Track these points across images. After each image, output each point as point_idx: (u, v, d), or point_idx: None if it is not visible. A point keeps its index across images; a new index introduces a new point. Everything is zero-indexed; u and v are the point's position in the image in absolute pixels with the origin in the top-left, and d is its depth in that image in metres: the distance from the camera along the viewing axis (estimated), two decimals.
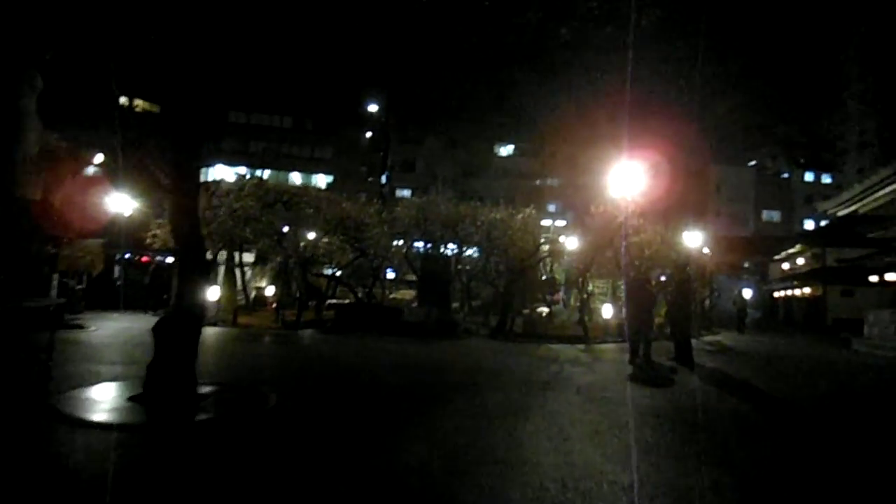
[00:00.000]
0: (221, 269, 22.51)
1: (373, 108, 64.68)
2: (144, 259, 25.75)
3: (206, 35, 6.97)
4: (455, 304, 21.93)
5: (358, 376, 9.59)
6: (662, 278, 21.49)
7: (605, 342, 17.51)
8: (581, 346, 16.22)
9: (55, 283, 16.63)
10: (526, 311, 18.91)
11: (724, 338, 21.80)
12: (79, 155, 16.64)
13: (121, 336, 13.05)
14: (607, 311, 19.27)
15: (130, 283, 23.78)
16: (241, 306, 21.87)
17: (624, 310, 19.20)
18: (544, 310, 18.46)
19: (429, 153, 62.26)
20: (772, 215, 67.95)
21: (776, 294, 47.77)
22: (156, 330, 6.44)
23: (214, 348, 12.28)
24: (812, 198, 64.12)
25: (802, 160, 68.32)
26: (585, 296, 23.23)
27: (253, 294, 24.98)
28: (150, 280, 22.51)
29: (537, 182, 58.98)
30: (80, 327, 13.86)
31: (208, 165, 59.45)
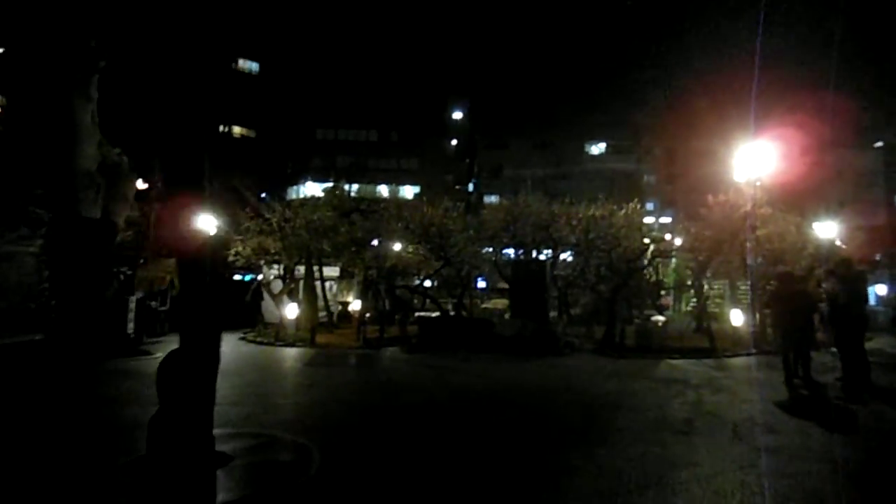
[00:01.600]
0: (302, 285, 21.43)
1: (457, 115, 63.78)
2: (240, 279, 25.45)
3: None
4: (552, 314, 19.60)
5: (438, 416, 7.60)
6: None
7: (737, 355, 14.62)
8: (710, 362, 13.49)
9: (132, 305, 15.98)
10: (637, 320, 16.30)
11: (882, 344, 18.09)
12: (149, 171, 15.87)
13: None
14: (736, 317, 16.25)
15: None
16: (323, 323, 20.69)
17: (757, 315, 16.23)
18: (660, 318, 15.83)
19: (516, 157, 60.21)
20: None
21: None
22: (160, 373, 4.81)
23: (279, 375, 10.80)
24: None
25: None
26: (706, 300, 20.31)
27: (337, 309, 23.79)
28: (251, 298, 21.70)
29: (633, 178, 55.33)
30: (147, 353, 12.87)
31: (297, 183, 60.46)
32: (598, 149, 62.98)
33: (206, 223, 17.42)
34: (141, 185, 16.06)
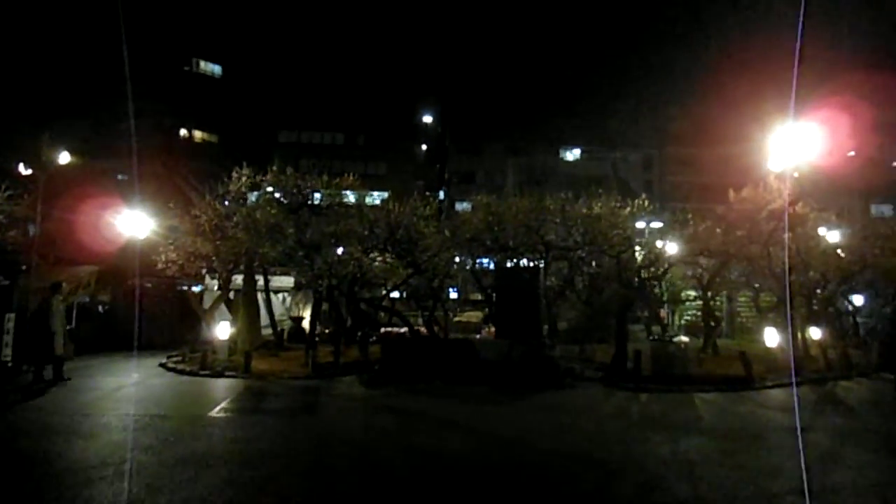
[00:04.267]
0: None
1: (427, 119, 61.13)
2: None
3: None
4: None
5: None
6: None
7: (780, 385, 11.68)
8: (757, 398, 10.52)
9: (9, 325, 12.37)
10: (656, 340, 13.20)
11: None
12: (37, 155, 12.30)
13: (51, 422, 8.26)
14: (771, 336, 13.33)
15: (149, 317, 19.56)
16: (268, 344, 17.22)
17: (780, 335, 13.35)
18: (683, 339, 12.74)
19: (489, 163, 57.55)
20: (882, 210, 59.17)
21: None
22: None
23: (173, 433, 7.31)
24: None
25: None
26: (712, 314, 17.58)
27: (289, 326, 20.24)
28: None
29: (610, 184, 53.00)
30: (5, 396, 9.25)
31: (258, 189, 56.55)
32: (573, 155, 60.66)
33: (137, 225, 13.92)
34: (24, 170, 12.47)
